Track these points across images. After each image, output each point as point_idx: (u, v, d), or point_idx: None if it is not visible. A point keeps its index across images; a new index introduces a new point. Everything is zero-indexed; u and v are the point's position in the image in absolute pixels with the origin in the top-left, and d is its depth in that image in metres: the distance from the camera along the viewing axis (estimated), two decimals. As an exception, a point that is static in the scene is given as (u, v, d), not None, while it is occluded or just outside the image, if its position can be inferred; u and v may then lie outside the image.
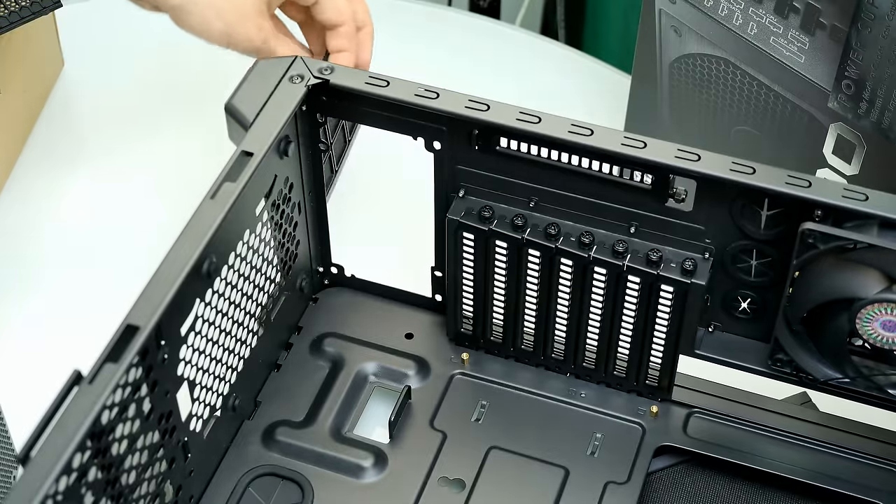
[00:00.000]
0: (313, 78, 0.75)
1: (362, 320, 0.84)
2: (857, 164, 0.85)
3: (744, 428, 0.79)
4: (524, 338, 0.81)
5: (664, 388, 0.79)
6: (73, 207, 0.98)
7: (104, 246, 0.95)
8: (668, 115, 0.96)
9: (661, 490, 0.77)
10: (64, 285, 0.92)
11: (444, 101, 0.74)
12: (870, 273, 0.68)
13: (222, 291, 0.71)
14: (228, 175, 0.70)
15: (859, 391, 0.74)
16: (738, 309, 0.76)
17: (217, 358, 0.73)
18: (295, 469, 0.77)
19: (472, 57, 1.10)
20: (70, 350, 0.73)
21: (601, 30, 1.40)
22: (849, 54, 0.80)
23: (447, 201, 0.77)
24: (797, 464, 0.77)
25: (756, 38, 0.86)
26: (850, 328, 0.70)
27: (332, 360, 0.82)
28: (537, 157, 0.73)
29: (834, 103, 0.84)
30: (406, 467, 0.77)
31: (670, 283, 0.74)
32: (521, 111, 0.73)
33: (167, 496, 0.71)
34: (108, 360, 0.62)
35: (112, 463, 0.64)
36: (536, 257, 0.76)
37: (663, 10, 0.90)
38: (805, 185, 0.68)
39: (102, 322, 0.67)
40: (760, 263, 0.73)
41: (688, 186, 0.72)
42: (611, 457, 0.78)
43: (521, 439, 0.78)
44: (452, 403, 0.80)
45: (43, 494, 0.58)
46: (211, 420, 0.74)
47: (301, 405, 0.80)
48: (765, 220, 0.71)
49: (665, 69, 0.93)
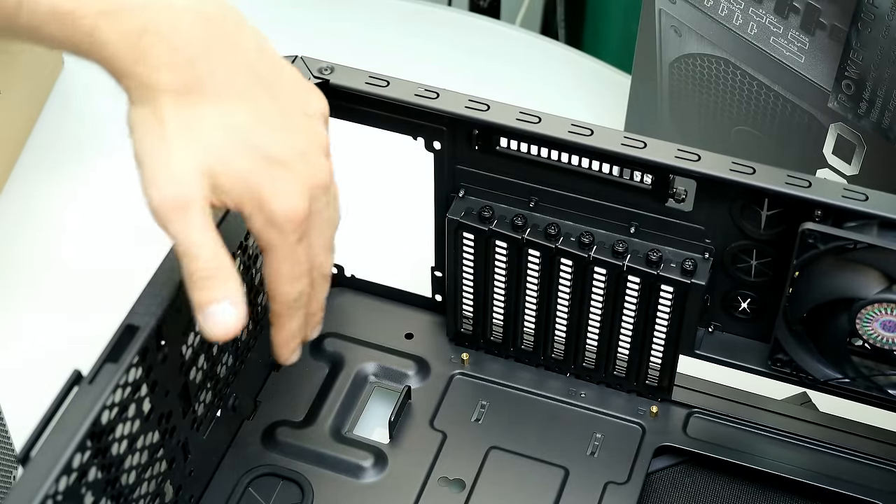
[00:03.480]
0: (313, 78, 0.75)
1: (362, 320, 0.84)
2: (857, 164, 0.85)
3: (744, 428, 0.79)
4: (524, 338, 0.81)
5: (664, 389, 0.79)
6: (73, 207, 0.98)
7: (104, 246, 0.95)
8: (668, 115, 0.96)
9: (661, 490, 0.77)
10: (64, 285, 0.92)
11: (444, 101, 0.74)
12: (870, 273, 0.68)
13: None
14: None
15: (859, 391, 0.74)
16: (738, 309, 0.76)
17: (217, 358, 0.73)
18: (295, 469, 0.77)
19: (472, 57, 1.10)
20: (70, 350, 0.73)
21: (601, 30, 1.40)
22: (849, 54, 0.80)
23: (447, 201, 0.77)
24: (797, 464, 0.77)
25: (756, 38, 0.86)
26: (850, 328, 0.70)
27: (332, 360, 0.82)
28: (537, 157, 0.73)
29: (834, 103, 0.84)
30: (406, 467, 0.77)
31: (670, 284, 0.74)
32: (521, 111, 0.73)
33: (167, 496, 0.71)
34: (108, 360, 0.62)
35: (112, 463, 0.64)
36: (536, 257, 0.76)
37: (663, 10, 0.90)
38: (805, 185, 0.68)
39: (102, 322, 0.67)
40: (760, 263, 0.73)
41: (688, 186, 0.72)
42: (611, 457, 0.78)
43: (521, 439, 0.78)
44: (452, 403, 0.80)
45: (43, 494, 0.58)
46: (211, 420, 0.74)
47: (301, 405, 0.80)
48: (765, 220, 0.71)
49: (665, 69, 0.93)
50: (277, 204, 0.61)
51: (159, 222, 0.59)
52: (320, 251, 0.65)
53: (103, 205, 0.98)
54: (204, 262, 0.60)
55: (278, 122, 0.62)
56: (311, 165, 0.62)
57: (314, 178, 0.62)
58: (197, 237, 0.59)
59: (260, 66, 0.62)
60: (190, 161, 0.59)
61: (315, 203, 0.63)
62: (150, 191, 0.59)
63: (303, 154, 0.62)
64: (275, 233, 0.62)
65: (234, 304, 0.61)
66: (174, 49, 0.59)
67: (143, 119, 0.60)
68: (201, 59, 0.59)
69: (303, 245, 0.63)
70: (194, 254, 0.59)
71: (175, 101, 0.59)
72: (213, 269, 0.60)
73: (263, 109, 0.61)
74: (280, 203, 0.61)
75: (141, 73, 0.59)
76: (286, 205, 0.61)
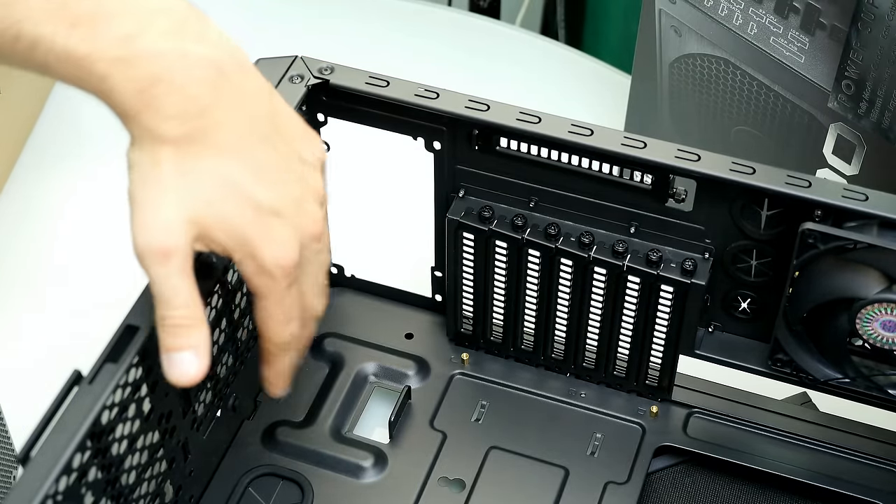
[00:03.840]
0: (313, 78, 0.75)
1: (362, 320, 0.84)
2: (857, 164, 0.85)
3: (744, 428, 0.79)
4: (524, 338, 0.81)
5: (664, 389, 0.79)
6: (73, 207, 0.98)
7: (104, 246, 0.95)
8: (668, 115, 0.96)
9: (661, 490, 0.77)
10: (64, 285, 0.92)
11: (444, 101, 0.74)
12: (870, 273, 0.68)
13: (222, 292, 0.71)
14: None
15: (859, 391, 0.74)
16: (738, 309, 0.76)
17: (217, 358, 0.73)
18: (295, 469, 0.77)
19: (472, 57, 1.10)
20: (70, 350, 0.73)
21: (601, 30, 1.40)
22: (849, 54, 0.80)
23: (447, 201, 0.77)
24: (797, 464, 0.77)
25: (756, 38, 0.86)
26: (850, 328, 0.70)
27: (332, 360, 0.82)
28: (537, 157, 0.73)
29: (834, 103, 0.84)
30: (406, 467, 0.77)
31: (670, 284, 0.74)
32: (521, 111, 0.73)
33: (167, 496, 0.71)
34: (108, 360, 0.62)
35: (112, 463, 0.64)
36: (536, 257, 0.76)
37: (663, 10, 0.90)
38: (805, 185, 0.68)
39: (102, 322, 0.67)
40: (760, 263, 0.73)
41: (688, 186, 0.72)
42: (611, 457, 0.78)
43: (521, 439, 0.78)
44: (452, 403, 0.80)
45: (43, 494, 0.58)
46: (211, 420, 0.74)
47: (301, 405, 0.80)
48: (765, 220, 0.71)
49: (665, 69, 0.93)
50: (269, 252, 0.61)
51: (141, 264, 0.60)
52: (311, 295, 0.66)
53: (103, 204, 0.98)
54: (175, 311, 0.60)
55: (274, 171, 0.62)
56: (304, 215, 0.63)
57: (306, 227, 0.63)
58: (174, 284, 0.60)
59: (263, 116, 0.62)
60: (181, 210, 0.59)
61: (306, 251, 0.63)
62: (138, 233, 0.59)
63: (296, 203, 0.62)
64: (266, 279, 0.62)
65: (199, 356, 0.61)
66: (187, 99, 0.58)
67: (141, 161, 0.60)
68: (210, 111, 0.59)
69: (293, 290, 0.64)
70: (168, 300, 0.60)
71: (176, 150, 0.59)
72: (184, 317, 0.60)
73: (261, 160, 0.61)
74: (271, 252, 0.61)
75: (148, 121, 0.58)
76: (277, 253, 0.61)
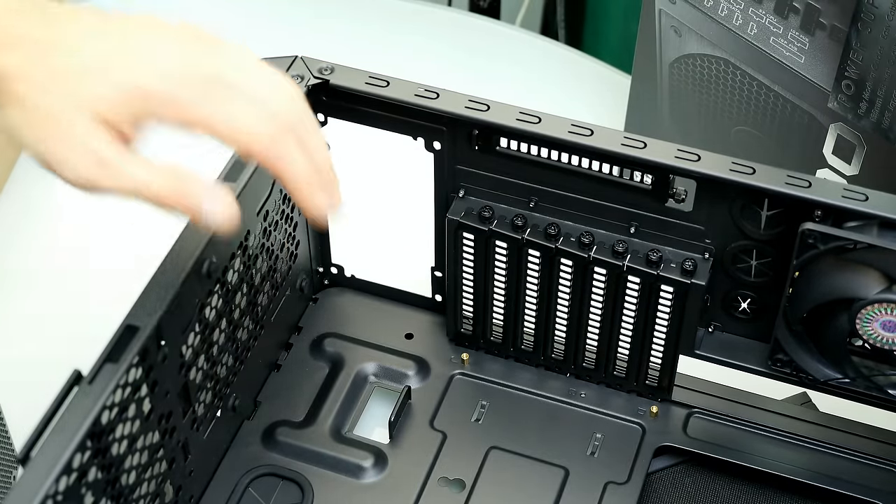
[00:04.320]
0: (313, 78, 0.75)
1: (362, 320, 0.84)
2: (857, 164, 0.85)
3: (744, 428, 0.79)
4: (524, 338, 0.81)
5: (664, 389, 0.79)
6: (72, 207, 0.98)
7: (104, 246, 0.95)
8: (668, 115, 0.96)
9: (661, 490, 0.77)
10: (63, 285, 0.92)
11: (444, 102, 0.74)
12: (870, 273, 0.68)
13: (222, 291, 0.71)
14: (228, 175, 0.71)
15: (859, 391, 0.74)
16: (738, 309, 0.76)
17: (217, 358, 0.73)
18: (295, 469, 0.77)
19: (472, 57, 1.10)
20: (70, 350, 0.73)
21: (601, 30, 1.40)
22: (849, 54, 0.80)
23: (447, 201, 0.77)
24: (797, 464, 0.77)
25: (756, 39, 0.86)
26: (850, 328, 0.70)
27: (332, 360, 0.82)
28: (537, 157, 0.73)
29: (834, 103, 0.84)
30: (406, 467, 0.77)
31: (670, 284, 0.74)
32: (521, 111, 0.73)
33: (167, 496, 0.71)
34: (108, 360, 0.62)
35: (112, 463, 0.64)
36: (536, 257, 0.76)
37: (663, 10, 0.90)
38: (805, 185, 0.68)
39: (102, 322, 0.67)
40: (760, 263, 0.73)
41: (688, 186, 0.72)
42: (611, 457, 0.78)
43: (521, 439, 0.78)
44: (452, 403, 0.80)
45: (43, 494, 0.58)
46: (211, 420, 0.74)
47: (301, 405, 0.80)
48: (765, 220, 0.71)
49: (665, 69, 0.93)
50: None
51: (91, 193, 0.57)
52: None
53: (103, 205, 0.98)
54: (158, 186, 0.57)
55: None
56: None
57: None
58: (132, 174, 0.57)
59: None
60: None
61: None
62: (65, 174, 0.57)
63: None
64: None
65: (212, 192, 0.58)
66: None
67: (5, 115, 0.56)
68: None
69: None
70: (145, 187, 0.57)
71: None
72: (171, 183, 0.57)
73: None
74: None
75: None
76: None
